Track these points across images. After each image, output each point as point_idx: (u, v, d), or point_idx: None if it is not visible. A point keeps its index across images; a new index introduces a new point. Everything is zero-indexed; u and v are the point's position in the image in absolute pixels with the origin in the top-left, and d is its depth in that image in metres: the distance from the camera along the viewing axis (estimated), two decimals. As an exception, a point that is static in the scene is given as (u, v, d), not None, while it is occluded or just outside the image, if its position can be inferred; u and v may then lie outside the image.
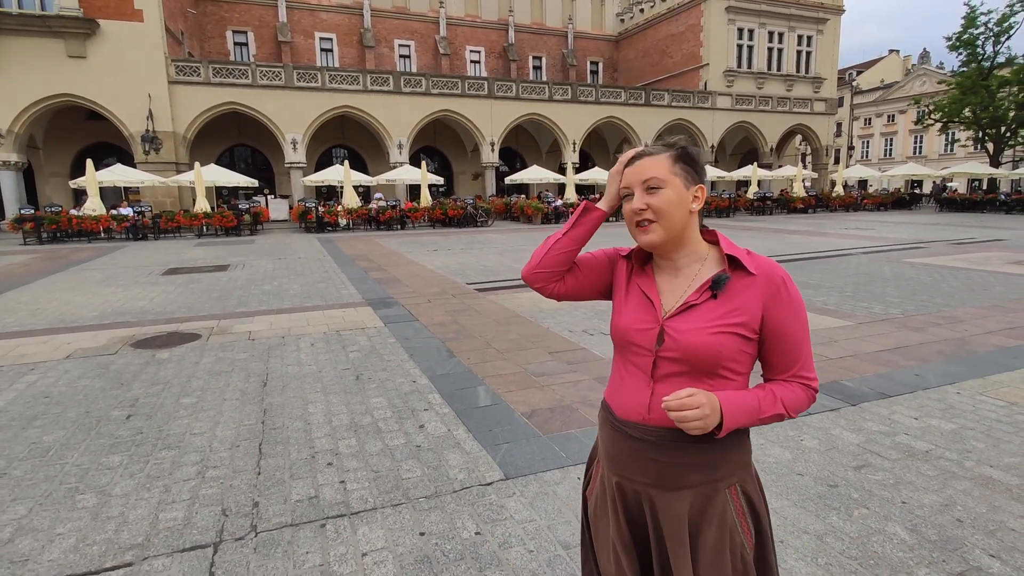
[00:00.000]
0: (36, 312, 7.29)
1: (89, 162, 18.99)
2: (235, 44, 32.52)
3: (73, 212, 18.53)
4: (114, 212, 18.86)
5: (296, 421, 3.70)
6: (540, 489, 2.82)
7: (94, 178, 18.65)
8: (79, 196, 24.75)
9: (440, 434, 3.48)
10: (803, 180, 30.81)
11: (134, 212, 18.99)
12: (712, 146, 33.93)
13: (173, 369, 4.82)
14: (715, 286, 1.13)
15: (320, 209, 21.27)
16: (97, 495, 2.82)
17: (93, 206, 18.44)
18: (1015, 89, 30.35)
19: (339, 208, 21.63)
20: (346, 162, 23.28)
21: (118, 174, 20.51)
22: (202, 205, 19.81)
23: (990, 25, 31.22)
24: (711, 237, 1.21)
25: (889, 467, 3.00)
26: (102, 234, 18.63)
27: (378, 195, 23.24)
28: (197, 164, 20.42)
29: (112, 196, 23.00)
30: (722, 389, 1.11)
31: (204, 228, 19.90)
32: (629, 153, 1.20)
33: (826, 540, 2.39)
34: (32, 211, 18.15)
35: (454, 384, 4.35)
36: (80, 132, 26.20)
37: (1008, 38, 31.13)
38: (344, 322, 6.46)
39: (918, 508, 2.62)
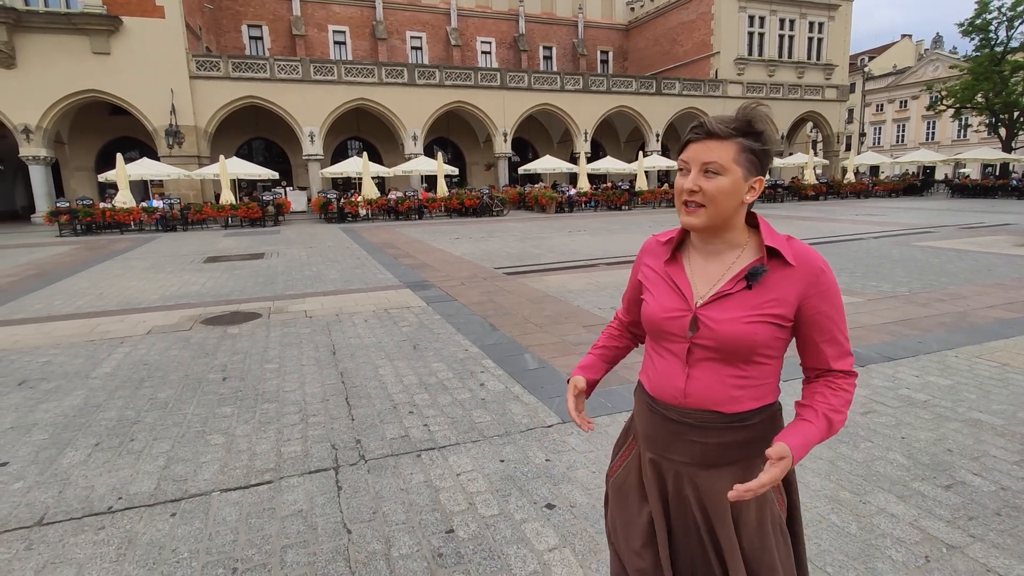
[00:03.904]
0: (102, 296, 7.89)
1: (119, 156, 19.64)
2: (250, 38, 33.09)
3: (105, 205, 19.21)
4: (144, 204, 19.55)
5: (371, 381, 4.24)
6: (594, 431, 3.34)
7: (124, 172, 19.31)
8: (103, 189, 25.50)
9: (499, 390, 4.01)
10: (814, 167, 31.00)
11: (164, 205, 19.67)
12: (723, 134, 34.06)
13: (247, 342, 5.38)
14: (751, 278, 1.11)
15: (341, 200, 21.83)
16: (223, 436, 3.38)
17: (124, 199, 19.11)
18: (1028, 74, 30.31)
19: (359, 199, 22.20)
20: (364, 154, 23.79)
21: (145, 167, 21.18)
22: (227, 197, 20.43)
23: (1003, 10, 31.14)
24: (752, 221, 1.19)
25: (892, 412, 3.49)
26: (132, 226, 19.31)
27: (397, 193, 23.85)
28: (222, 157, 21.02)
29: (137, 189, 23.72)
30: (756, 373, 1.14)
31: (230, 219, 20.54)
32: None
33: (837, 464, 2.89)
34: (67, 204, 18.85)
35: (502, 352, 4.88)
36: (104, 127, 26.93)
37: (1021, 23, 31.03)
38: (389, 302, 7.00)
39: (915, 442, 3.12)
